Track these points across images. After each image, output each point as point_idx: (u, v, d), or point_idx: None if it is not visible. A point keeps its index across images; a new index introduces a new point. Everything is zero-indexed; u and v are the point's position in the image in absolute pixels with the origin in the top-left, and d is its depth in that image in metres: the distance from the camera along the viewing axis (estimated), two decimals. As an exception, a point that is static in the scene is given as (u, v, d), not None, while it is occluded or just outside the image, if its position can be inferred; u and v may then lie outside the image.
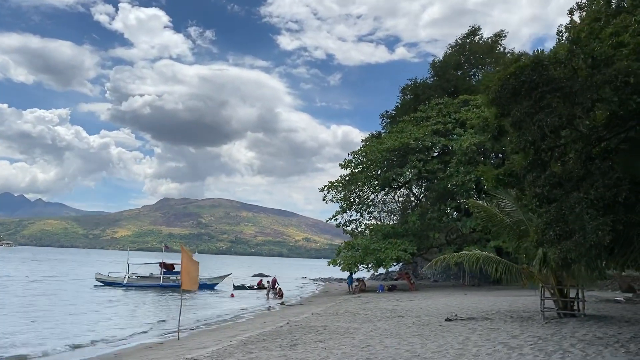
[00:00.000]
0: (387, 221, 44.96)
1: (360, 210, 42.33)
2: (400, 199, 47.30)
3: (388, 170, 39.13)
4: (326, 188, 42.00)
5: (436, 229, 37.76)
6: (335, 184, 41.95)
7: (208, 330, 20.21)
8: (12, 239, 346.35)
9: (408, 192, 45.91)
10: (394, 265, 42.18)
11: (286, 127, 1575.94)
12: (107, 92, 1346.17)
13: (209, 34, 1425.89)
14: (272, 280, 42.36)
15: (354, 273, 38.17)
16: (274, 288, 40.06)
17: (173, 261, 45.56)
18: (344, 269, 37.11)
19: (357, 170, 41.19)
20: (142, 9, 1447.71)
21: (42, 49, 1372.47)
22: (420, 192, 45.26)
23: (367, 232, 40.73)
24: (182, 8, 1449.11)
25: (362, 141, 46.71)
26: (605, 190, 9.93)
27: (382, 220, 44.71)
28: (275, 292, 39.09)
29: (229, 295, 38.82)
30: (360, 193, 42.37)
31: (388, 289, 35.60)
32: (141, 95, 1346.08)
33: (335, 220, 42.29)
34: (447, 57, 51.08)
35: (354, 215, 42.47)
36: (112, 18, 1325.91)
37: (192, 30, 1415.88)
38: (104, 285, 43.03)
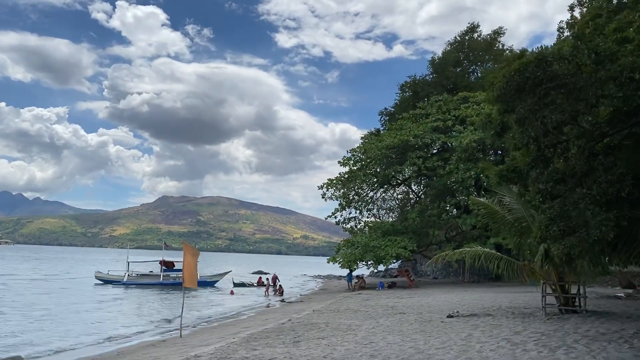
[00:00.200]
0: (385, 218, 44.95)
1: (359, 207, 42.33)
2: (399, 197, 47.34)
3: (387, 168, 39.09)
4: (325, 186, 41.96)
5: (436, 226, 37.78)
6: (335, 181, 41.89)
7: (210, 328, 20.20)
8: (10, 238, 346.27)
9: (407, 189, 45.93)
10: (394, 263, 42.23)
11: (284, 125, 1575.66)
12: (105, 90, 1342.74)
13: (206, 32, 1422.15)
14: (273, 277, 42.36)
15: (354, 270, 38.24)
16: (274, 285, 40.07)
17: (173, 259, 45.65)
18: (343, 266, 37.15)
19: (356, 168, 41.14)
20: (140, 7, 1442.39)
21: (39, 47, 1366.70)
22: (420, 190, 45.28)
23: (367, 229, 40.77)
24: (179, 6, 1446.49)
25: (361, 138, 46.76)
26: (608, 185, 9.95)
27: (381, 218, 44.72)
28: (276, 289, 39.10)
29: (229, 293, 38.85)
30: (360, 190, 42.33)
31: (388, 286, 35.66)
32: (139, 94, 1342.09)
33: (335, 217, 42.28)
34: (446, 54, 51.12)
35: (353, 212, 42.50)
36: (110, 16, 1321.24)
37: (190, 28, 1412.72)
38: (104, 283, 43.03)
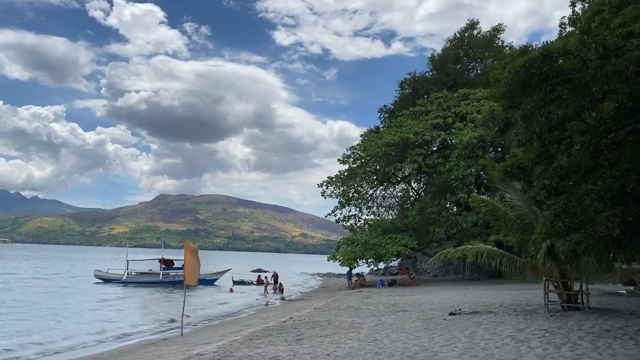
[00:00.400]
0: (385, 216, 44.91)
1: (359, 205, 42.27)
2: (399, 194, 47.27)
3: (387, 165, 38.99)
4: (325, 183, 41.88)
5: (436, 224, 37.71)
6: (334, 179, 41.81)
7: (211, 326, 20.13)
8: (8, 236, 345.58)
9: (407, 186, 45.86)
10: (394, 260, 42.19)
11: (282, 122, 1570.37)
12: (103, 88, 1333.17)
13: (204, 29, 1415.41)
14: (274, 275, 42.25)
15: (354, 268, 38.19)
16: (275, 283, 40.01)
17: (172, 257, 45.57)
18: (343, 264, 37.11)
19: (355, 166, 41.06)
20: (137, 4, 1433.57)
21: (36, 46, 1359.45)
22: (420, 187, 45.21)
23: (366, 227, 40.72)
24: (177, 4, 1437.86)
25: (361, 136, 46.59)
26: (613, 181, 9.89)
27: (381, 215, 44.66)
28: (276, 287, 39.04)
29: (228, 290, 38.79)
30: (359, 188, 42.27)
31: (388, 284, 35.62)
32: (137, 92, 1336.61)
33: (334, 215, 42.24)
34: (445, 51, 51.06)
35: (353, 210, 42.45)
36: (107, 14, 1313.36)
37: (188, 26, 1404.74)
38: (103, 282, 42.93)
